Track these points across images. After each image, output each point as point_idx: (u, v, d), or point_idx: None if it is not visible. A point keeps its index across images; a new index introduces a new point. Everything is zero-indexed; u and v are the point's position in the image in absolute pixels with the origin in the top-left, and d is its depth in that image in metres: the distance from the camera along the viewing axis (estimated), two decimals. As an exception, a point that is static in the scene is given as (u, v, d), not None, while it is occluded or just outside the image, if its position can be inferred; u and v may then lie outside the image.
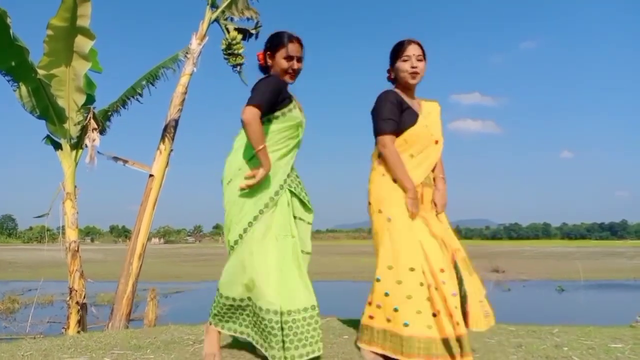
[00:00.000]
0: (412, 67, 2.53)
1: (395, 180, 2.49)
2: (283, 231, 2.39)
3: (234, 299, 2.34)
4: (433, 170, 2.65)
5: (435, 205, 2.60)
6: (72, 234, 5.64)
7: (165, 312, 10.31)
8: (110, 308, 5.71)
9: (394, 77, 2.65)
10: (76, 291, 5.52)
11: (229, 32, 5.92)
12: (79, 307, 5.53)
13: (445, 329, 2.27)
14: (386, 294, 2.37)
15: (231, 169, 2.44)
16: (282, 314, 2.23)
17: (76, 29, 4.99)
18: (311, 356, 2.26)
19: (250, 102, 2.32)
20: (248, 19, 6.05)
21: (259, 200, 2.37)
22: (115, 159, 5.95)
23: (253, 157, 2.38)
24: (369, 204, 2.57)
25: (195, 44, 5.95)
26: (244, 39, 6.00)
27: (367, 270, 22.47)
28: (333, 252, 39.01)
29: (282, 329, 2.22)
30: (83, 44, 5.13)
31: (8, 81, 5.32)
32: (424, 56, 2.57)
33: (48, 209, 5.62)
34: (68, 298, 5.61)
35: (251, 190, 2.37)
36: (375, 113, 2.56)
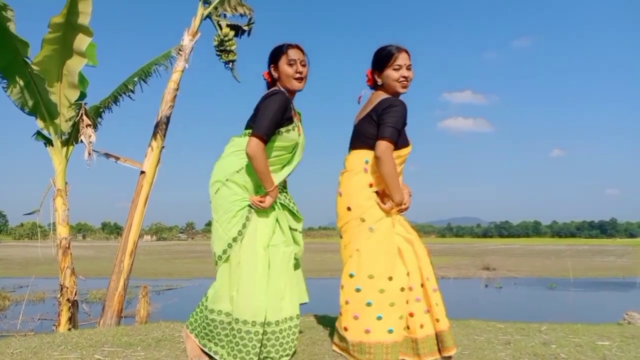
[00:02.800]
0: (403, 77, 2.53)
1: (382, 191, 2.48)
2: (273, 241, 2.43)
3: (219, 312, 2.35)
4: None
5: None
6: (63, 231, 5.61)
7: (157, 309, 10.31)
8: (101, 305, 5.70)
9: (379, 83, 2.60)
10: (67, 288, 5.49)
11: (221, 28, 5.90)
12: (70, 304, 5.51)
13: (424, 328, 2.40)
14: (368, 304, 2.36)
15: (219, 177, 2.45)
16: (267, 324, 2.29)
17: (75, 26, 4.99)
18: (284, 359, 2.36)
19: (255, 133, 2.33)
20: (241, 15, 6.03)
21: (245, 208, 2.41)
22: (107, 155, 5.93)
23: (241, 169, 2.41)
24: (348, 209, 2.51)
25: (187, 40, 5.93)
26: (236, 35, 5.99)
27: (359, 267, 22.45)
28: (325, 250, 39.02)
29: (261, 340, 2.27)
30: (81, 41, 5.13)
31: (6, 82, 5.27)
32: (411, 64, 2.58)
33: (39, 205, 5.59)
34: (59, 295, 5.58)
35: (239, 199, 2.40)
36: (391, 117, 2.43)
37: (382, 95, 2.55)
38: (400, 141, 2.48)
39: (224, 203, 2.40)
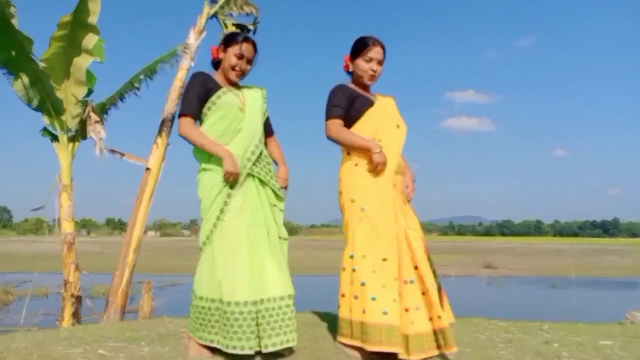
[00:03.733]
0: (372, 70, 2.63)
1: (372, 169, 2.51)
2: (256, 221, 2.43)
3: (206, 299, 2.35)
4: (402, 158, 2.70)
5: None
6: (68, 226, 5.64)
7: (160, 305, 10.34)
8: (105, 300, 5.73)
9: (350, 70, 2.72)
10: (71, 283, 5.53)
11: (227, 27, 5.92)
12: (74, 300, 5.54)
13: (423, 323, 2.36)
14: (362, 284, 2.38)
15: (199, 168, 2.51)
16: (255, 303, 2.27)
17: (84, 25, 5.05)
18: (285, 345, 2.30)
19: (180, 115, 2.47)
20: (247, 14, 6.04)
21: (223, 191, 2.42)
22: (112, 151, 5.95)
23: (212, 155, 2.44)
24: (340, 192, 2.60)
25: (193, 39, 5.94)
26: (242, 34, 6.00)
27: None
28: (328, 247, 39.02)
29: (255, 318, 2.25)
30: (89, 39, 5.19)
31: (4, 74, 5.29)
32: (384, 60, 2.66)
33: (44, 201, 5.62)
34: (63, 290, 5.61)
35: (216, 184, 2.41)
36: (329, 101, 2.64)
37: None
38: (352, 112, 2.60)
39: (204, 190, 2.45)
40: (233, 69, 2.54)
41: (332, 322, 3.26)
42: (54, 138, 5.74)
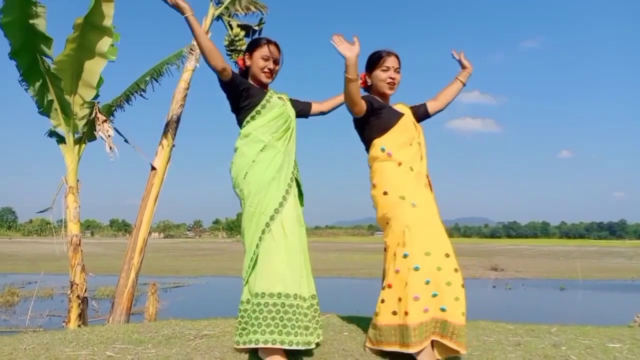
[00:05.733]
0: (391, 78, 2.68)
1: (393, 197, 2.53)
2: (297, 222, 2.47)
3: (271, 295, 2.26)
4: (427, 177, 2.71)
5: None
6: (74, 228, 5.66)
7: (164, 307, 10.35)
8: (109, 302, 5.74)
9: (370, 85, 2.77)
10: (77, 285, 5.54)
11: (232, 28, 5.92)
12: (80, 301, 5.55)
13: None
14: (427, 282, 2.34)
15: (243, 163, 2.51)
16: (313, 297, 2.43)
17: (98, 27, 5.06)
18: (312, 346, 2.38)
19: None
20: (254, 12, 6.03)
21: (278, 192, 2.44)
22: (126, 141, 5.90)
23: (264, 147, 2.50)
24: (385, 193, 2.57)
25: (198, 40, 5.95)
26: (247, 35, 6.00)
27: (366, 267, 22.51)
28: (332, 249, 39.05)
29: (316, 311, 2.40)
30: (103, 42, 5.22)
31: (20, 80, 5.31)
32: (400, 68, 2.71)
33: (51, 203, 5.63)
34: (69, 292, 5.62)
35: (274, 180, 2.45)
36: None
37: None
38: (381, 122, 2.62)
39: (259, 180, 2.45)
40: (262, 70, 2.62)
41: (336, 324, 3.25)
42: (61, 140, 5.76)
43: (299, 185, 2.65)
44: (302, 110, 2.84)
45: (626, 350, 2.77)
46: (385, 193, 2.55)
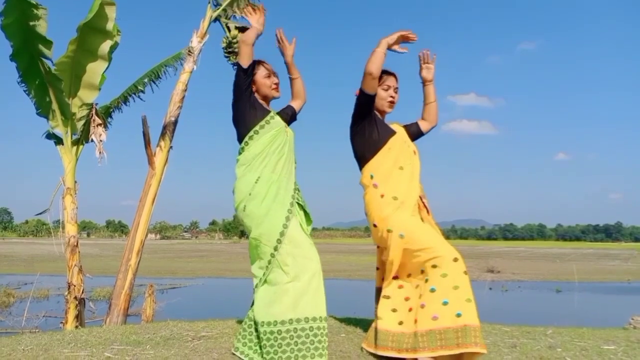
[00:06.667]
0: (391, 97, 2.75)
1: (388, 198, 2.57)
2: (307, 252, 2.53)
3: (282, 322, 2.35)
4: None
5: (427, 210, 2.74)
6: (71, 229, 5.65)
7: (161, 308, 10.33)
8: (106, 303, 5.74)
9: None
10: (74, 286, 5.53)
11: (229, 30, 5.92)
12: (77, 302, 5.55)
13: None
14: (432, 290, 2.42)
15: (242, 195, 2.57)
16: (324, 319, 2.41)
17: (101, 30, 5.08)
18: None
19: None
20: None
21: (278, 220, 2.48)
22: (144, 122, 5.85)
23: (258, 179, 2.54)
24: (375, 226, 2.61)
25: (195, 42, 5.95)
26: (244, 37, 6.01)
27: (363, 268, 22.52)
28: (329, 250, 39.01)
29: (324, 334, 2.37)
30: (105, 44, 5.24)
31: (19, 81, 5.31)
32: (398, 89, 2.79)
33: (49, 204, 5.63)
34: (66, 293, 5.62)
35: (271, 211, 2.49)
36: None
37: None
38: (374, 139, 2.67)
39: (257, 213, 2.51)
40: (271, 88, 2.74)
41: (334, 326, 3.26)
42: (59, 141, 5.75)
43: (303, 207, 2.68)
44: (291, 117, 2.88)
45: (621, 352, 2.79)
46: (375, 225, 2.62)
